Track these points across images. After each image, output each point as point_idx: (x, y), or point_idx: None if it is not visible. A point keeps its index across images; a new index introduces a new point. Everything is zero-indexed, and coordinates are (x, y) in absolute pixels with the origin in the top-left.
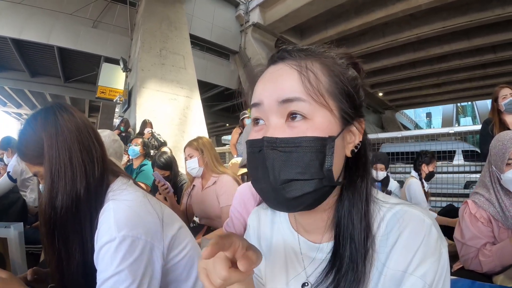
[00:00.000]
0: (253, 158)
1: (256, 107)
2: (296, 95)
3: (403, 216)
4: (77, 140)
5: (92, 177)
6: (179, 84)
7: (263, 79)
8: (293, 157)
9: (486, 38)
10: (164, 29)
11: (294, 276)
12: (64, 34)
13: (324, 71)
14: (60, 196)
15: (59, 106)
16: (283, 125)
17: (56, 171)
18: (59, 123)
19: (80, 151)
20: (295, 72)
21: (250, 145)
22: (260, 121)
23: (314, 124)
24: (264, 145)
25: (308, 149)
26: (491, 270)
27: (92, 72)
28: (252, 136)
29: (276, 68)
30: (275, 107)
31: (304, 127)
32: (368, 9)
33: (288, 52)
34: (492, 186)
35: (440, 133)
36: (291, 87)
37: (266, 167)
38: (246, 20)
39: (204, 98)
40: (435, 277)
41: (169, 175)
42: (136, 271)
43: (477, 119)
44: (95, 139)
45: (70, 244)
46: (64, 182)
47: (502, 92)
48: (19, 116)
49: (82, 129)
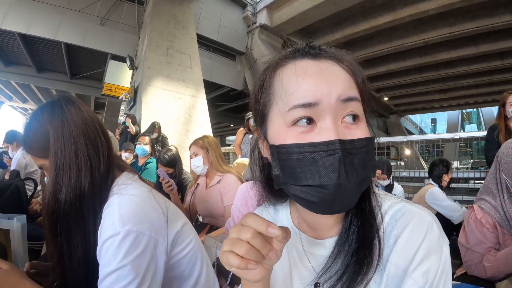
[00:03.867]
0: (313, 165)
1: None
2: (355, 95)
3: (405, 213)
4: (83, 134)
5: (97, 171)
6: (185, 83)
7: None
8: (360, 157)
9: (493, 44)
10: (172, 28)
11: (300, 275)
12: (72, 30)
13: (353, 75)
14: (64, 189)
15: (66, 99)
16: (341, 126)
17: (61, 165)
18: (66, 116)
19: (86, 145)
20: (346, 73)
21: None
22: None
23: (364, 126)
24: (339, 148)
25: (368, 149)
26: (495, 276)
27: (98, 69)
28: (297, 139)
29: (322, 63)
30: (335, 105)
31: (360, 129)
32: (376, 13)
33: (325, 50)
34: (498, 194)
35: (445, 139)
36: (350, 86)
37: (339, 171)
38: (253, 21)
39: (209, 98)
40: (437, 274)
41: (173, 172)
42: (139, 266)
43: (482, 126)
44: (101, 133)
45: (73, 238)
46: (69, 176)
47: (510, 99)
48: (24, 111)
49: (88, 123)
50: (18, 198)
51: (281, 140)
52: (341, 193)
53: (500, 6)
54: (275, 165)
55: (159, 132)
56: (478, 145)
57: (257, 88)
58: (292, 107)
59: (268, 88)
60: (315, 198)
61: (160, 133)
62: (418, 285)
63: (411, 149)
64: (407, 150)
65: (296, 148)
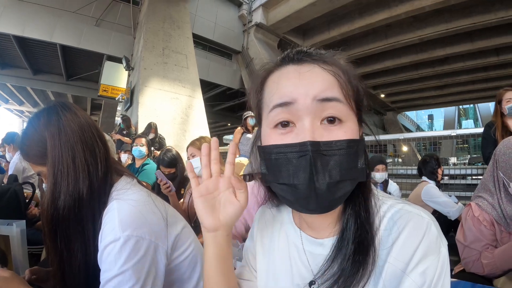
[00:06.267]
0: (289, 165)
1: (284, 106)
2: (335, 96)
3: (403, 214)
4: (80, 140)
5: (95, 176)
6: (181, 83)
7: (288, 76)
8: (337, 160)
9: (489, 40)
10: (167, 28)
11: (299, 273)
12: (67, 32)
13: (346, 76)
14: (62, 196)
15: (62, 105)
16: (319, 127)
17: (58, 171)
18: (62, 122)
19: (83, 151)
20: (329, 75)
21: (281, 151)
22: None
23: (348, 127)
24: (309, 150)
25: (348, 151)
26: (492, 273)
27: (94, 70)
28: (278, 140)
29: (303, 67)
30: (311, 106)
31: (342, 130)
32: (371, 10)
33: (311, 54)
34: (495, 192)
35: (442, 136)
36: (329, 87)
37: (311, 173)
38: (249, 20)
39: (206, 97)
40: (435, 274)
41: (175, 172)
42: (140, 271)
43: (479, 121)
44: (98, 138)
45: (72, 245)
46: (67, 182)
47: (507, 96)
48: (21, 113)
49: (85, 128)
50: (16, 203)
51: (265, 141)
52: (314, 194)
53: (496, 2)
54: (262, 164)
55: (156, 132)
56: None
57: (253, 93)
58: (272, 107)
59: (260, 93)
60: (291, 197)
61: (157, 133)
62: (416, 285)
63: (408, 146)
64: (404, 147)
65: (274, 149)
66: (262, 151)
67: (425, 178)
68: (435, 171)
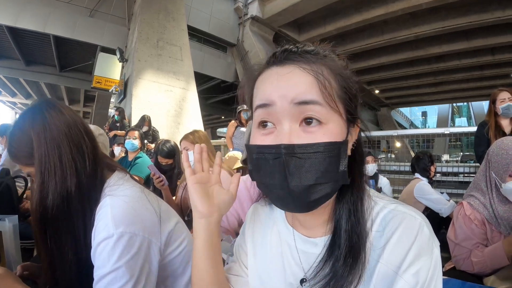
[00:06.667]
0: (266, 165)
1: (264, 108)
2: (313, 98)
3: (396, 215)
4: (66, 137)
5: (83, 173)
6: (175, 76)
7: (269, 79)
8: (313, 162)
9: (485, 40)
10: (162, 20)
11: (292, 271)
12: (61, 22)
13: (333, 75)
14: (51, 195)
15: (47, 104)
16: (297, 130)
17: (46, 170)
18: (47, 121)
19: (70, 148)
20: (309, 76)
21: (260, 151)
22: (268, 124)
23: (328, 129)
24: (282, 153)
25: (326, 154)
26: (482, 271)
27: (88, 61)
28: (260, 140)
29: (284, 69)
30: (289, 109)
31: (321, 133)
32: (368, 6)
33: (294, 53)
34: (487, 192)
35: (436, 133)
36: (307, 89)
37: (285, 174)
38: (245, 12)
39: (200, 90)
40: (428, 275)
41: (172, 163)
42: (133, 267)
43: (472, 120)
44: (85, 135)
45: (63, 244)
46: (55, 181)
47: (501, 96)
48: (13, 105)
49: (71, 125)
50: (9, 197)
51: (251, 140)
52: (290, 195)
53: (493, 2)
54: (249, 162)
55: (149, 125)
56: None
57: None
58: (255, 108)
59: (251, 92)
60: (271, 196)
61: (151, 126)
62: (409, 286)
63: (401, 142)
64: (398, 143)
65: (255, 148)
66: (247, 149)
67: (417, 175)
68: (428, 168)
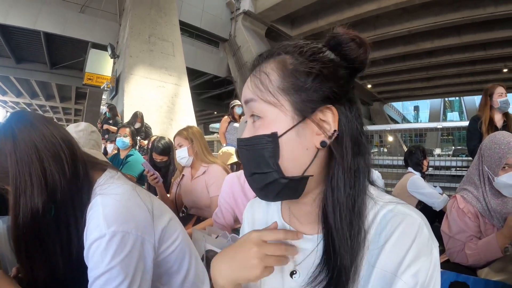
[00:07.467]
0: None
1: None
2: (248, 97)
3: (396, 215)
4: (36, 150)
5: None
6: (167, 71)
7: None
8: (251, 154)
9: (477, 35)
10: (154, 15)
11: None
12: (51, 19)
13: (278, 68)
14: (21, 213)
15: (16, 118)
16: (250, 125)
17: (17, 188)
18: (16, 138)
19: (42, 161)
20: (253, 77)
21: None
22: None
23: (264, 123)
24: (240, 145)
25: (257, 147)
26: (476, 263)
27: (79, 58)
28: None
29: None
30: (245, 108)
31: (260, 126)
32: (361, 1)
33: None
34: (481, 185)
35: (428, 128)
36: (247, 89)
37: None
38: (237, 7)
39: (192, 85)
40: (427, 276)
41: (167, 159)
42: (128, 266)
43: (464, 114)
44: (61, 141)
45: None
46: (25, 199)
47: (499, 90)
48: (4, 103)
49: (45, 134)
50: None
51: None
52: (251, 183)
53: None
54: None
55: (142, 122)
56: (460, 134)
57: None
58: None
59: None
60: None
61: (143, 123)
62: (408, 287)
63: (394, 137)
64: (390, 137)
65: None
66: None
67: (410, 169)
68: (421, 162)
